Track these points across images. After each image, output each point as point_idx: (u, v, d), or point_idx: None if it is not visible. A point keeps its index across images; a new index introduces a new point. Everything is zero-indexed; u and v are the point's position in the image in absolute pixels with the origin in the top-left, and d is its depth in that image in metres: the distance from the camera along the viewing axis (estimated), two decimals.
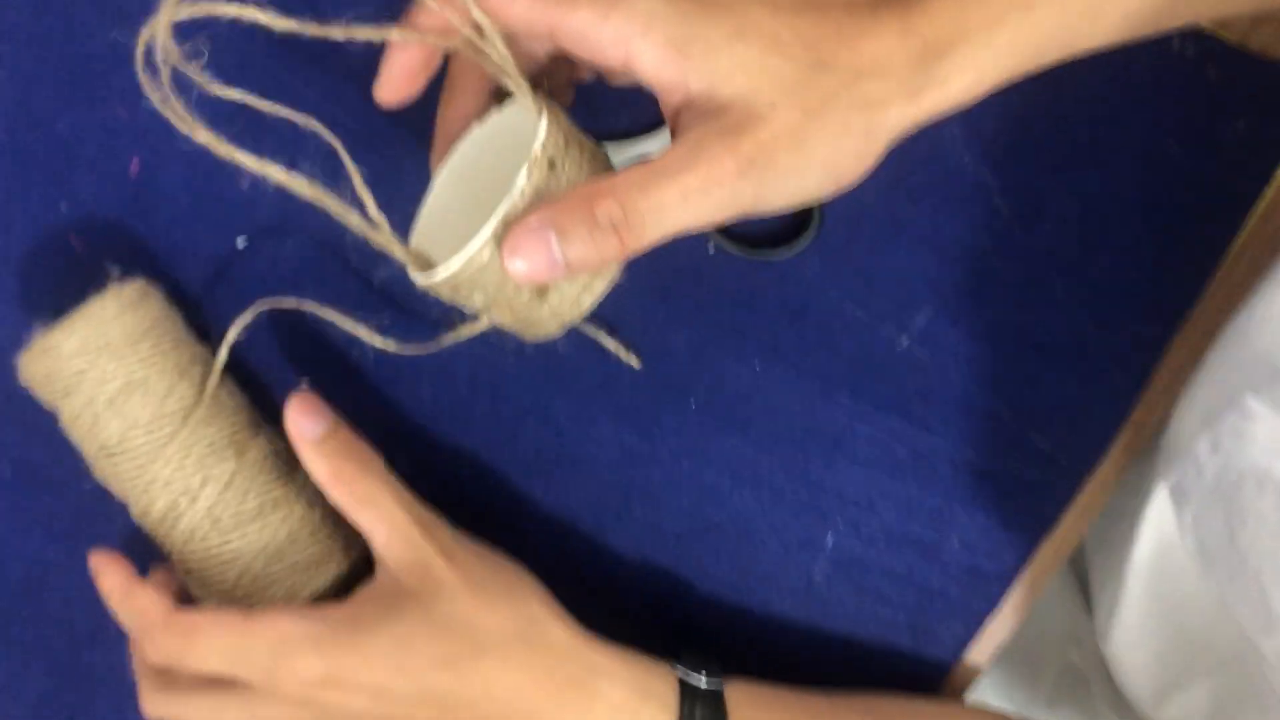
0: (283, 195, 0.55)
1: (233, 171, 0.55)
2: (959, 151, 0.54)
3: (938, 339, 0.54)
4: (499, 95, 0.47)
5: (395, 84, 0.45)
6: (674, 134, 0.42)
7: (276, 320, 0.55)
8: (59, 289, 0.54)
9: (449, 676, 0.45)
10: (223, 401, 0.51)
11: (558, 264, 0.40)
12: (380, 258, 0.53)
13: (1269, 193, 0.54)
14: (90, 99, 0.55)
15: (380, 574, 0.47)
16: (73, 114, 0.55)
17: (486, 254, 0.41)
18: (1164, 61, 0.53)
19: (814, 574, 0.55)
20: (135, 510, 0.51)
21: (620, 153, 0.53)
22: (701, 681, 0.48)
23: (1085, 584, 0.64)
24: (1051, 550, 0.55)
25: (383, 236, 0.45)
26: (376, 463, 0.48)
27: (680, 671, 0.49)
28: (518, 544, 0.54)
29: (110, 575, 0.49)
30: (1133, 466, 0.56)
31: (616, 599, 0.55)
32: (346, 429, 0.49)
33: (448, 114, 0.48)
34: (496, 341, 0.53)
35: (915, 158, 0.53)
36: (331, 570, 0.51)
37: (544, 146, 0.41)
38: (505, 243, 0.40)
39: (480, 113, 0.47)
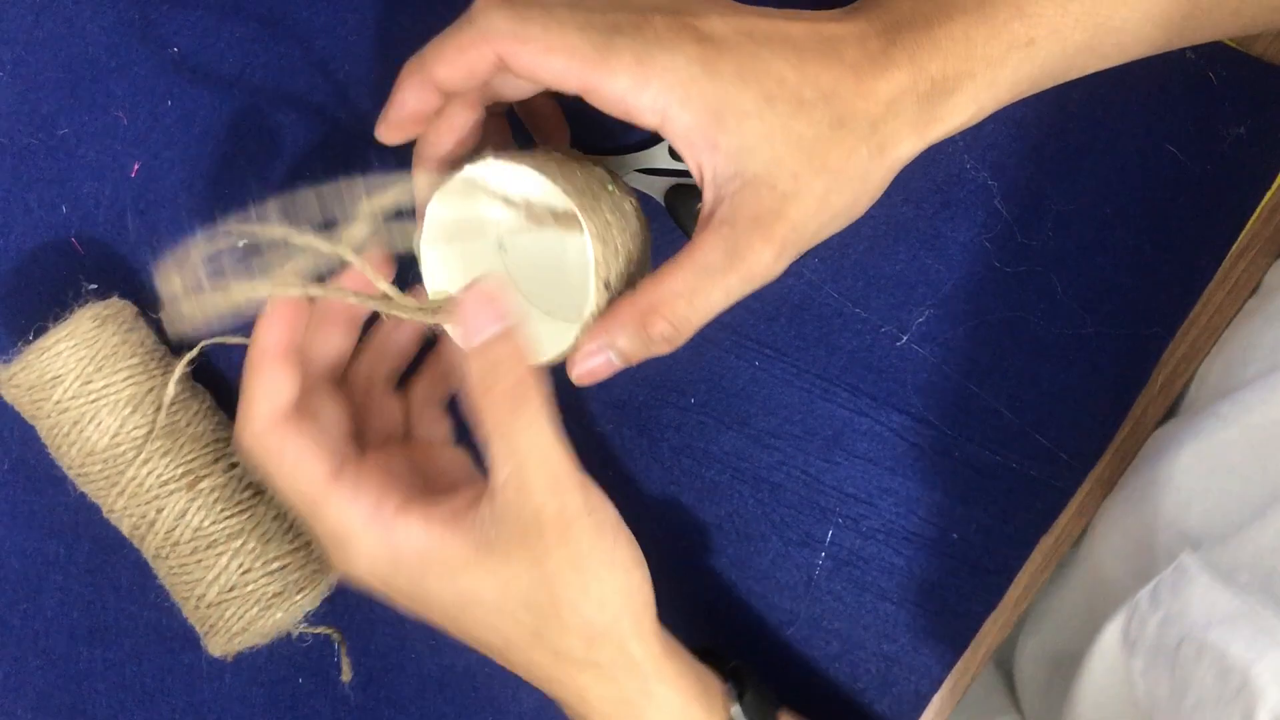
0: (283, 197, 0.55)
1: (232, 173, 0.55)
2: (959, 154, 0.54)
3: (937, 337, 0.54)
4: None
5: (401, 127, 0.44)
6: (700, 185, 0.43)
7: None
8: (59, 291, 0.54)
9: (533, 642, 0.44)
10: (181, 430, 0.51)
11: (615, 367, 0.44)
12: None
13: (1269, 195, 0.53)
14: (91, 102, 0.55)
15: (499, 506, 0.42)
16: (74, 117, 0.55)
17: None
18: (1166, 65, 0.53)
19: (814, 570, 0.55)
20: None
21: (623, 166, 0.53)
22: None
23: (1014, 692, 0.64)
24: (1051, 547, 0.55)
25: (425, 314, 0.44)
26: (532, 393, 0.42)
27: (734, 711, 0.47)
28: None
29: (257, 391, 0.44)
30: (1059, 584, 0.57)
31: None
32: (517, 341, 0.42)
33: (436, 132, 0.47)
34: None
35: (916, 161, 0.53)
36: (290, 607, 0.51)
37: (596, 272, 0.42)
38: (569, 365, 0.44)
39: (466, 136, 0.46)
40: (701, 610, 0.55)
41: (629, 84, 0.40)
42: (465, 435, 0.52)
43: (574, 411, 0.55)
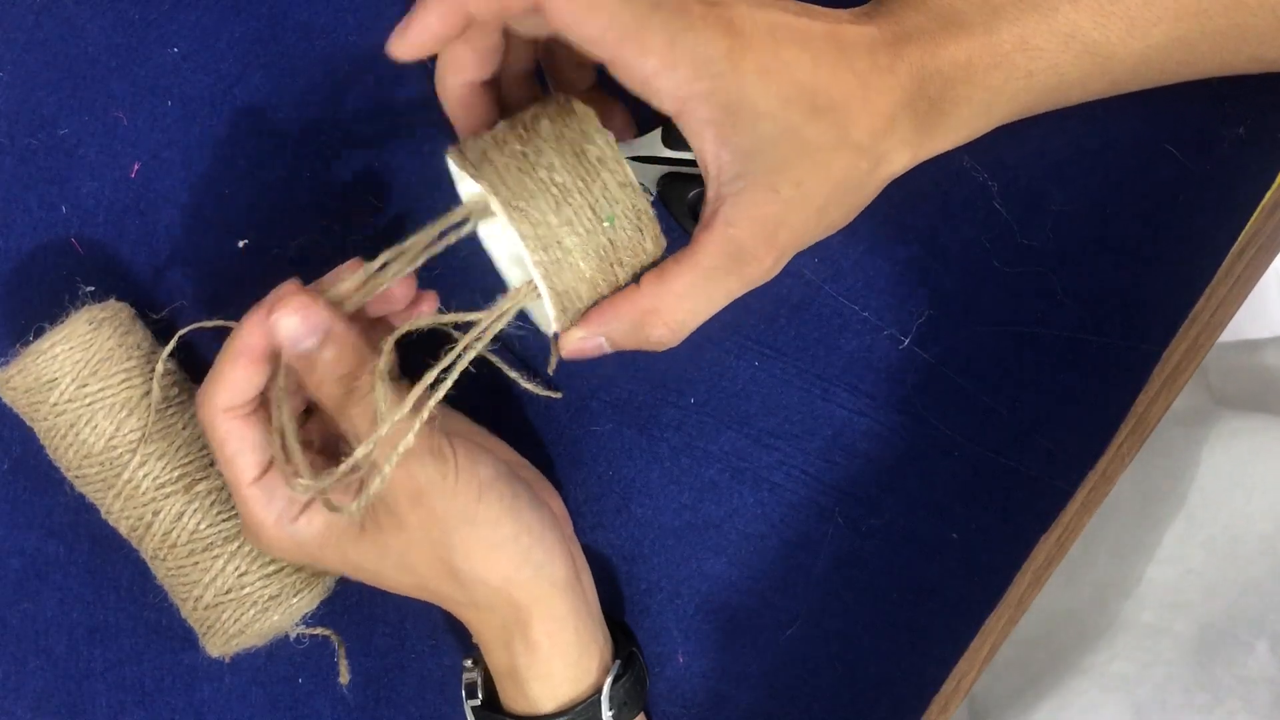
0: (283, 197, 0.55)
1: (232, 173, 0.55)
2: (959, 154, 0.54)
3: (937, 337, 0.54)
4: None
5: (421, 46, 0.43)
6: (704, 176, 0.43)
7: None
8: (59, 291, 0.54)
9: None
10: (177, 433, 0.51)
11: (605, 351, 0.45)
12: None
13: (1270, 195, 0.54)
14: (91, 102, 0.55)
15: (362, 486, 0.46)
16: (74, 117, 0.55)
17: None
18: None
19: (813, 570, 0.55)
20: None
21: None
22: None
23: None
24: (1051, 546, 0.55)
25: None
26: (361, 385, 0.44)
27: (605, 684, 0.51)
28: None
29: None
30: None
31: (615, 596, 0.56)
32: (342, 337, 0.44)
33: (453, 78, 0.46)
34: (497, 338, 0.53)
35: None
36: (287, 610, 0.51)
37: (548, 284, 0.43)
38: (562, 347, 0.45)
39: (487, 59, 0.45)
40: (701, 610, 0.55)
41: (657, 66, 0.40)
42: None
43: (574, 411, 0.55)
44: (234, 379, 0.45)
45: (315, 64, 0.55)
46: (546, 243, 0.42)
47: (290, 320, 0.44)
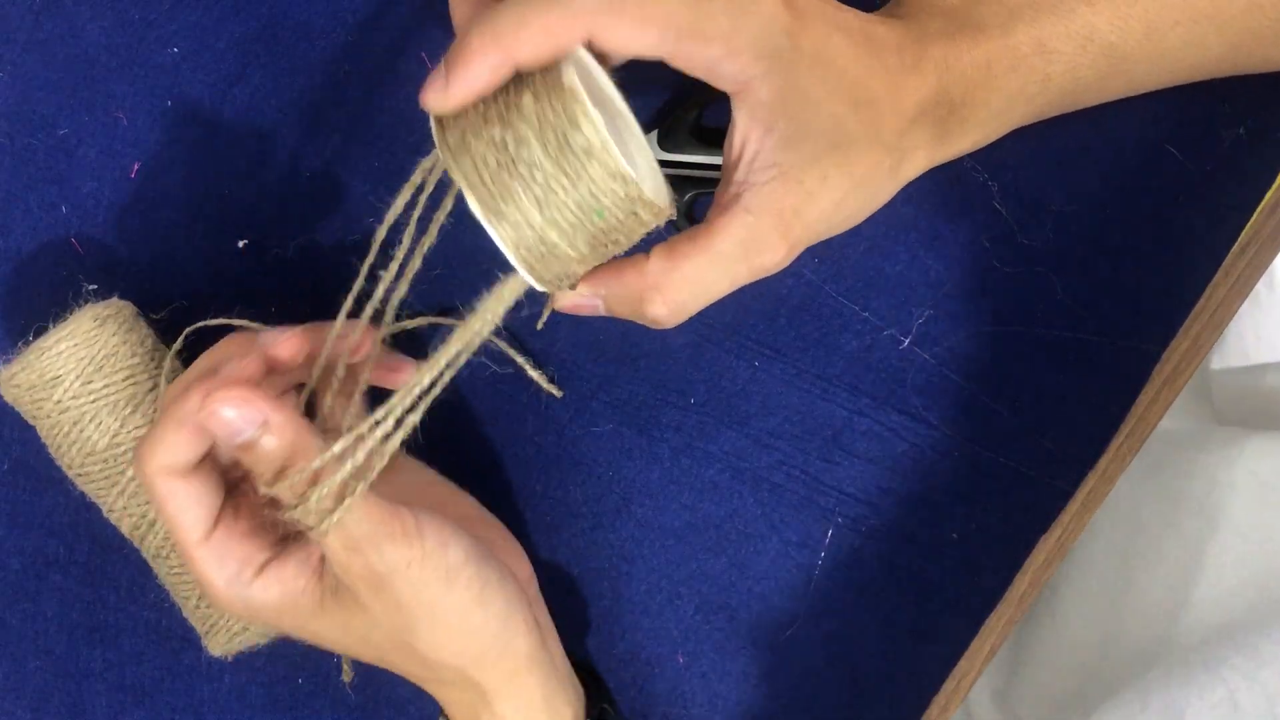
0: (283, 197, 0.55)
1: (232, 173, 0.55)
2: None
3: (937, 338, 0.54)
4: None
5: (466, 103, 0.40)
6: (731, 155, 0.42)
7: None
8: (59, 291, 0.54)
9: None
10: None
11: (600, 313, 0.44)
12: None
13: (1270, 194, 0.53)
14: (91, 102, 0.55)
15: (328, 564, 0.45)
16: (74, 117, 0.55)
17: None
18: None
19: (814, 570, 0.55)
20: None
21: None
22: None
23: None
24: (1051, 546, 0.55)
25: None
26: (315, 476, 0.42)
27: None
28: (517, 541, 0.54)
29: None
30: (1046, 624, 0.58)
31: (615, 597, 0.56)
32: (282, 427, 0.42)
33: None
34: (497, 338, 0.53)
35: None
36: None
37: (520, 260, 0.41)
38: (556, 302, 0.44)
39: None
40: (701, 610, 0.55)
41: (721, 52, 0.39)
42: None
43: (574, 411, 0.55)
44: (174, 442, 0.43)
45: (315, 64, 0.55)
46: (530, 243, 0.40)
47: (227, 412, 0.41)
